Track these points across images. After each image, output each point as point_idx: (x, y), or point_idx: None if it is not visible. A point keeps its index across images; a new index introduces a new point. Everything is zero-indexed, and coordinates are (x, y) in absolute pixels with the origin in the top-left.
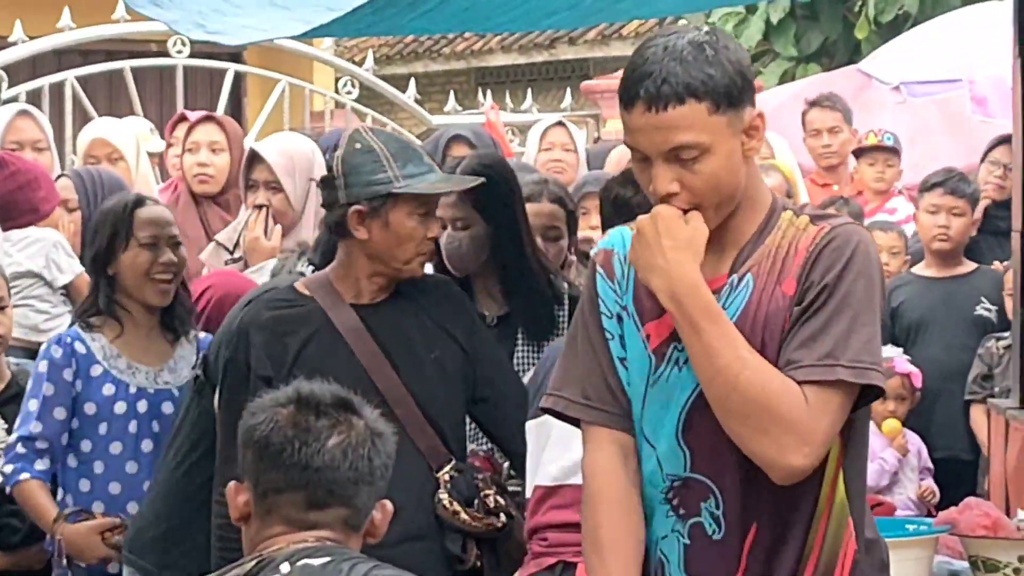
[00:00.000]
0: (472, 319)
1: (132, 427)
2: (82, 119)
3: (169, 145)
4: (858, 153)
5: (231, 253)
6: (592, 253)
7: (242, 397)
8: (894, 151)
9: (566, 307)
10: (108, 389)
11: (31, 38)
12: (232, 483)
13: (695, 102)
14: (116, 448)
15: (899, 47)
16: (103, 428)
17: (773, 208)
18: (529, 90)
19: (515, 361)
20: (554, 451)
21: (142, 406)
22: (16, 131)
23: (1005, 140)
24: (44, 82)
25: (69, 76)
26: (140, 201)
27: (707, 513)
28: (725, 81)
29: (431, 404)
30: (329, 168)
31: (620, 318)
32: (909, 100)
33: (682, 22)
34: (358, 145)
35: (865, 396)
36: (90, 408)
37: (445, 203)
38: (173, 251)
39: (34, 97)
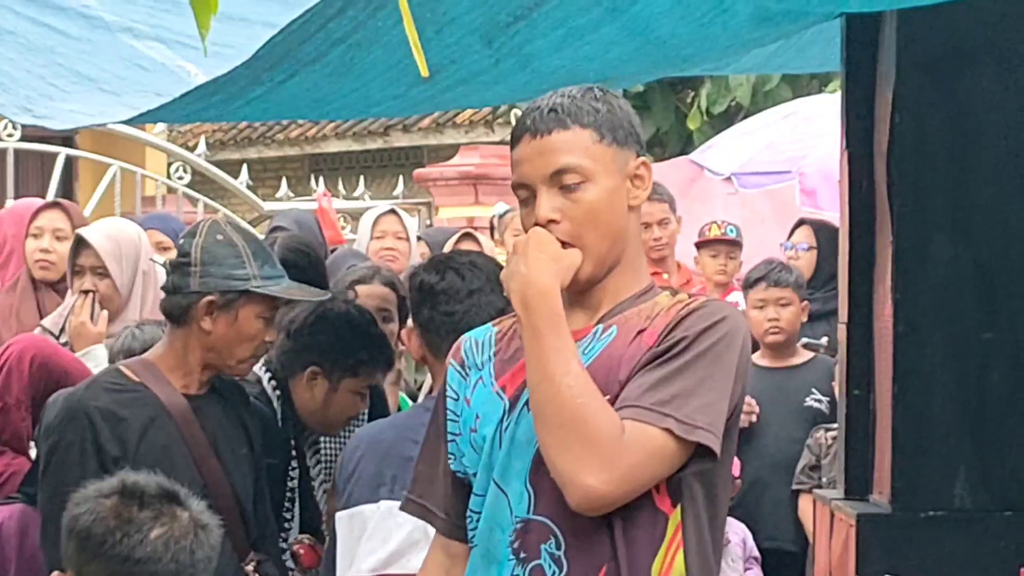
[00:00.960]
0: (265, 428)
1: None
2: None
3: None
4: (700, 245)
5: (56, 338)
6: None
7: (72, 481)
8: (736, 243)
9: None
10: None
11: None
12: (55, 573)
13: (579, 128)
14: None
15: (730, 138)
16: None
17: (651, 286)
18: (362, 177)
19: (321, 451)
20: (372, 542)
21: None
22: None
23: (803, 223)
24: None
25: None
26: None
27: (546, 554)
28: (611, 117)
29: (245, 498)
30: (183, 253)
31: (467, 398)
32: (740, 191)
33: (515, 111)
34: (220, 237)
35: (698, 458)
36: None
37: None
38: None
39: None
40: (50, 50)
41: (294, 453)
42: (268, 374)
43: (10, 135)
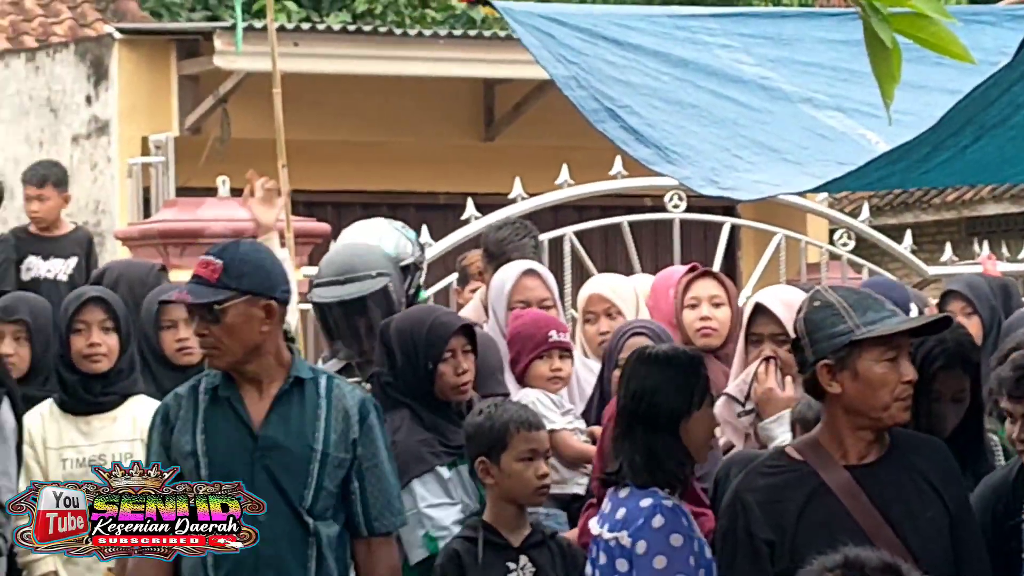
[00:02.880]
0: (960, 486)
1: None
2: (580, 274)
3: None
4: None
5: (743, 405)
6: None
7: (728, 566)
8: None
9: None
10: None
11: (530, 195)
12: None
13: None
14: None
15: None
16: None
17: None
18: None
19: None
20: None
21: None
22: (523, 290)
23: None
24: (544, 237)
25: (568, 232)
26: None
27: None
28: None
29: (932, 566)
30: (795, 332)
31: None
32: None
33: None
34: (817, 303)
35: None
36: None
37: None
38: None
39: None
40: (732, 122)
41: None
42: None
43: (675, 206)
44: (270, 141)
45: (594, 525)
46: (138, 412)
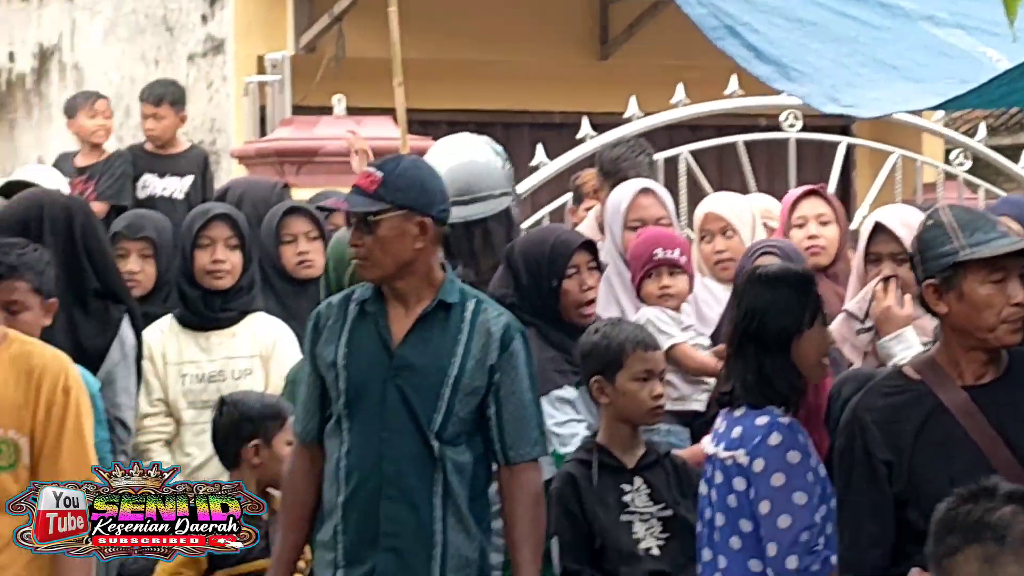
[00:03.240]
0: None
1: None
2: (695, 193)
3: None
4: None
5: (862, 322)
6: None
7: (846, 485)
8: None
9: None
10: None
11: (645, 114)
12: (915, 571)
13: None
14: None
15: None
16: None
17: None
18: None
19: None
20: None
21: None
22: (639, 208)
23: None
24: (659, 157)
25: (683, 151)
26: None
27: None
28: None
29: None
30: (911, 250)
31: None
32: None
33: None
34: (930, 222)
35: None
36: None
37: None
38: None
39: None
40: (853, 40)
41: None
42: None
43: (791, 125)
44: (385, 60)
45: (708, 444)
46: (257, 328)
